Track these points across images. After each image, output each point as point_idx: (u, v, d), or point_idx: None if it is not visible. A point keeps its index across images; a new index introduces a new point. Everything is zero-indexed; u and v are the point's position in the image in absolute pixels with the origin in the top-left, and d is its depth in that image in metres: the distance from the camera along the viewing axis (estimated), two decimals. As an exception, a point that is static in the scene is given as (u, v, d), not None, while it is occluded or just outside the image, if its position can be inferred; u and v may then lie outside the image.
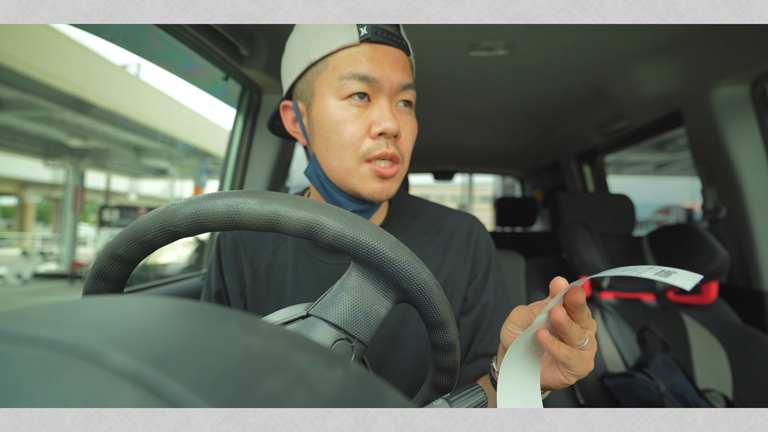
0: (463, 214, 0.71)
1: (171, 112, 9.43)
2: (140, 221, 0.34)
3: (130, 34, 1.57)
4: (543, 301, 0.40)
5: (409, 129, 0.59)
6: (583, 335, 0.38)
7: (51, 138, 9.40)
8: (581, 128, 1.98)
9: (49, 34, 6.07)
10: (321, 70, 0.56)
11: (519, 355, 0.40)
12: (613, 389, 1.02)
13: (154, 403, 0.12)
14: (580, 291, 0.37)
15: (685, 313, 1.21)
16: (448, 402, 0.38)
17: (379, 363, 0.61)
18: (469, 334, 0.64)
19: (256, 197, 0.34)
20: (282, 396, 0.13)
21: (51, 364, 0.13)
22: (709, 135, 1.26)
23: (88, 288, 0.37)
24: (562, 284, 0.37)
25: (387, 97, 0.56)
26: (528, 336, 0.39)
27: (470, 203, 6.94)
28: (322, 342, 0.36)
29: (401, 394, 0.16)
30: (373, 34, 0.55)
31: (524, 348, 0.40)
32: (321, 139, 0.58)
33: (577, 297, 0.37)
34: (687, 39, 1.10)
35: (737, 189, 1.22)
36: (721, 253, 1.18)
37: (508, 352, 0.40)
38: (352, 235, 0.34)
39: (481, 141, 2.36)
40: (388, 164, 0.57)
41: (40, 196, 17.01)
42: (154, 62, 1.58)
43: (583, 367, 0.39)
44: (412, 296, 0.37)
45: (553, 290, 0.38)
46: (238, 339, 0.15)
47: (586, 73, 1.38)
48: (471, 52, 1.22)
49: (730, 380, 1.03)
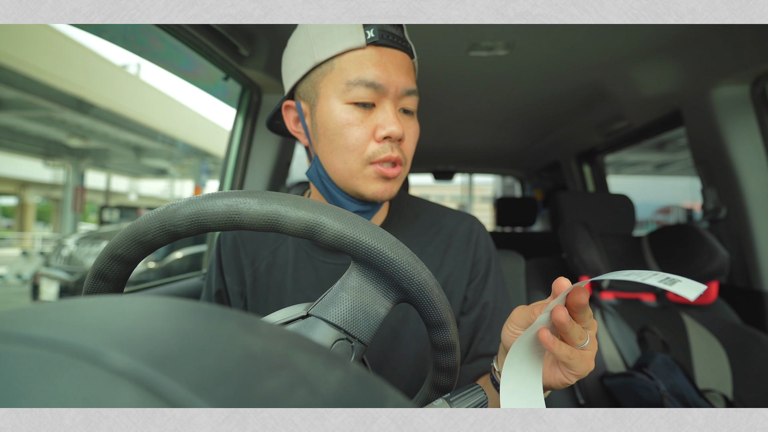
0: (463, 214, 0.71)
1: (171, 112, 9.43)
2: (140, 221, 0.34)
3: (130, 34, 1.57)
4: (544, 301, 0.40)
5: (412, 132, 0.60)
6: (584, 335, 0.38)
7: (51, 138, 9.41)
8: (581, 128, 1.99)
9: (49, 34, 6.07)
10: (326, 71, 0.56)
11: (521, 356, 0.40)
12: (613, 389, 1.02)
13: (154, 403, 0.12)
14: (584, 292, 0.37)
15: (685, 313, 1.21)
16: (448, 402, 0.38)
17: (379, 363, 0.61)
18: (469, 334, 0.64)
19: (256, 197, 0.34)
20: (282, 396, 0.13)
21: (51, 364, 0.13)
22: (709, 135, 1.26)
23: (88, 288, 0.37)
24: (566, 284, 0.37)
25: (392, 101, 0.56)
26: (529, 336, 0.39)
27: (470, 203, 6.94)
28: (322, 342, 0.36)
29: (401, 394, 0.16)
30: (380, 37, 0.55)
31: (526, 348, 0.40)
32: (325, 141, 0.58)
33: (580, 298, 0.37)
34: (687, 39, 1.10)
35: (737, 189, 1.22)
36: (721, 253, 1.18)
37: (510, 352, 0.40)
38: (352, 235, 0.34)
39: (481, 141, 2.36)
40: (391, 165, 0.57)
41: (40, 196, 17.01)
42: (154, 62, 1.58)
43: (583, 367, 0.39)
44: (412, 296, 0.37)
45: (556, 290, 0.38)
46: (238, 339, 0.15)
47: (586, 73, 1.38)
48: (471, 52, 1.22)
49: (730, 380, 1.03)
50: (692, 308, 1.25)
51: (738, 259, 1.27)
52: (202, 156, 10.83)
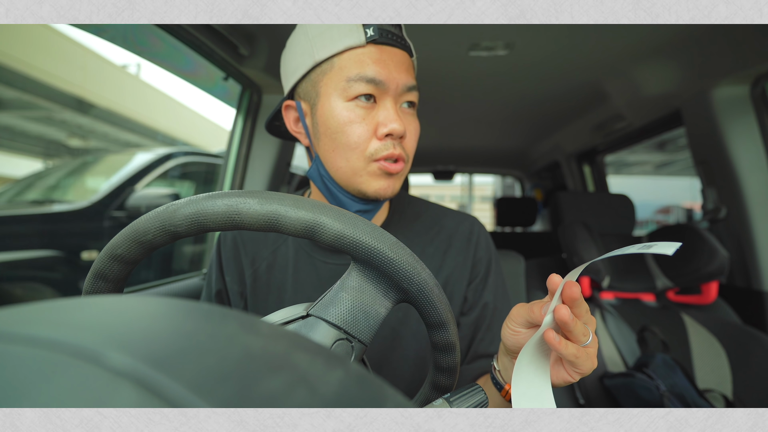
0: (463, 214, 0.71)
1: (171, 112, 9.42)
2: (140, 221, 0.34)
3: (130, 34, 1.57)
4: (542, 300, 0.40)
5: (413, 129, 0.60)
6: (587, 332, 0.39)
7: (51, 138, 9.39)
8: (581, 128, 1.99)
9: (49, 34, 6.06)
10: (326, 70, 0.57)
11: (530, 357, 0.41)
12: (613, 389, 1.02)
13: (154, 403, 0.12)
14: (575, 285, 0.37)
15: (685, 313, 1.21)
16: (448, 402, 0.38)
17: (379, 363, 0.61)
18: (469, 334, 0.64)
19: (256, 197, 0.34)
20: (282, 396, 0.13)
21: (51, 364, 0.13)
22: (709, 135, 1.26)
23: (88, 288, 0.37)
24: (558, 281, 0.38)
25: (392, 98, 0.57)
26: (536, 338, 0.39)
27: (470, 203, 6.93)
28: (322, 342, 0.36)
29: (401, 394, 0.16)
30: (380, 36, 0.55)
31: (534, 350, 0.40)
32: (327, 140, 0.58)
33: (572, 291, 0.37)
34: (687, 39, 1.10)
35: (737, 189, 1.22)
36: (721, 253, 1.18)
37: (519, 356, 0.40)
38: (352, 235, 0.34)
39: (481, 141, 2.36)
40: (393, 161, 0.57)
41: (40, 196, 16.96)
42: (154, 62, 1.58)
43: (588, 365, 0.39)
44: (412, 296, 0.37)
45: (551, 288, 0.38)
46: (238, 339, 0.15)
47: (586, 73, 1.38)
48: (471, 52, 1.22)
49: (730, 380, 1.03)
50: (692, 308, 1.25)
51: (738, 259, 1.27)
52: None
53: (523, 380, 0.40)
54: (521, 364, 0.40)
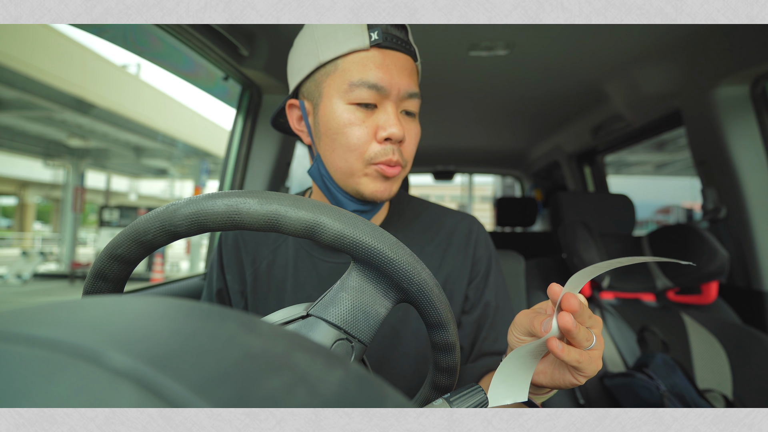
0: (462, 214, 0.71)
1: (171, 112, 9.42)
2: (140, 221, 0.34)
3: (130, 34, 1.57)
4: (544, 313, 0.40)
5: (413, 134, 0.60)
6: (591, 336, 0.38)
7: (51, 138, 9.40)
8: (581, 128, 1.99)
9: (49, 34, 6.07)
10: (330, 72, 0.57)
11: (519, 358, 0.41)
12: (613, 389, 1.02)
13: (154, 403, 0.12)
14: (573, 297, 0.37)
15: (685, 313, 1.21)
16: (448, 402, 0.38)
17: (379, 363, 0.61)
18: (472, 333, 0.64)
19: (256, 197, 0.34)
20: (282, 396, 0.13)
21: (51, 364, 0.13)
22: (709, 135, 1.26)
23: (88, 288, 0.37)
24: (558, 290, 0.37)
25: (393, 103, 0.57)
26: (537, 343, 0.39)
27: (470, 203, 6.93)
28: (322, 342, 0.36)
29: (401, 394, 0.16)
30: (384, 40, 0.56)
31: (527, 351, 0.40)
32: (327, 140, 0.58)
33: (570, 304, 0.36)
34: (687, 39, 1.10)
35: (737, 189, 1.22)
36: (721, 253, 1.18)
37: (510, 354, 0.40)
38: (352, 235, 0.34)
39: (481, 141, 2.36)
40: (391, 165, 0.58)
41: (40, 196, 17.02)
42: (154, 62, 1.58)
43: (593, 368, 0.39)
44: (412, 296, 0.37)
45: (552, 297, 0.38)
46: (238, 339, 0.15)
47: (586, 73, 1.38)
48: (471, 52, 1.22)
49: (730, 380, 1.03)
50: (692, 308, 1.25)
51: (738, 259, 1.27)
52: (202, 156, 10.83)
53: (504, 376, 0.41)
54: (508, 362, 0.41)
